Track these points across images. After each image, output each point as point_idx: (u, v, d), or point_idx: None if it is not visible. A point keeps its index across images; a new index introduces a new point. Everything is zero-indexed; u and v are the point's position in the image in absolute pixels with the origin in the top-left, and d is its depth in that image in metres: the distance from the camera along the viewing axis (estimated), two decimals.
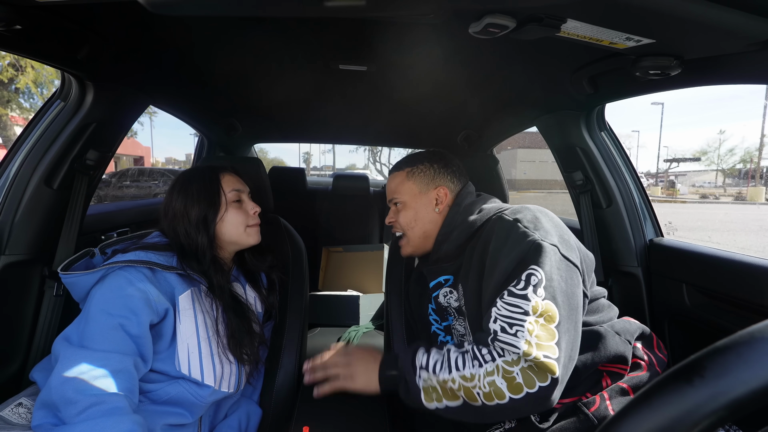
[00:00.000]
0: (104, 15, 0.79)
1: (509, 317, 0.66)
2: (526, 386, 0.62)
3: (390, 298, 1.12)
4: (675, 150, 49.60)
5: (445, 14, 0.58)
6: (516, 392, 0.63)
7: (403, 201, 0.94)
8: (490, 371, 0.65)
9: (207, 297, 0.87)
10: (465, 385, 0.67)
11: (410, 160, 0.96)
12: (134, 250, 0.83)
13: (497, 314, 0.67)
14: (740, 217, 12.38)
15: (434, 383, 0.71)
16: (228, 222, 0.91)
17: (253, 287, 1.02)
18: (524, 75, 1.10)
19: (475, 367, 0.67)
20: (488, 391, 0.65)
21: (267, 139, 2.38)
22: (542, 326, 0.64)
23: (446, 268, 0.91)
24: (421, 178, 0.93)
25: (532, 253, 0.69)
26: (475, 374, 0.66)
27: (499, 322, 0.67)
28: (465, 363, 0.68)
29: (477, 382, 0.66)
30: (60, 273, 0.77)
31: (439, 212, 0.91)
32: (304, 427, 0.80)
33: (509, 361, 0.64)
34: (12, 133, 9.84)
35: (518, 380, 0.63)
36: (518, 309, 0.66)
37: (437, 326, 0.95)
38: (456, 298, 0.87)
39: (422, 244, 0.94)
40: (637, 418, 0.28)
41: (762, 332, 0.26)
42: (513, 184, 28.45)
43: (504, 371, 0.64)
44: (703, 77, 0.82)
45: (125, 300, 0.74)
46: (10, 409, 0.72)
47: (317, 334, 1.67)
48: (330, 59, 1.07)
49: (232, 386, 0.88)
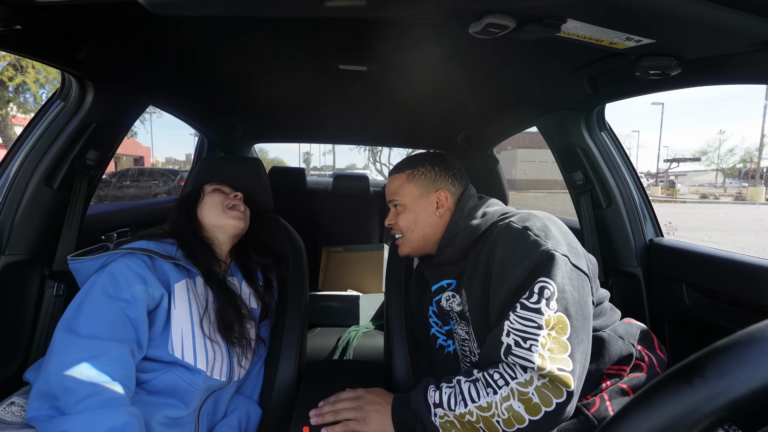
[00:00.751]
0: (104, 15, 0.79)
1: (523, 331, 0.65)
2: (544, 405, 0.61)
3: (390, 298, 1.12)
4: (675, 150, 49.62)
5: (445, 14, 0.58)
6: (534, 413, 0.62)
7: (403, 203, 0.93)
8: (505, 396, 0.64)
9: (201, 286, 0.90)
10: (483, 415, 0.66)
11: (411, 162, 0.95)
12: (138, 239, 0.89)
13: (510, 328, 0.66)
14: (740, 217, 12.38)
15: (451, 418, 0.69)
16: (207, 205, 1.00)
17: (249, 284, 1.03)
18: (524, 75, 1.10)
19: (490, 395, 0.66)
20: (507, 418, 0.63)
21: (267, 139, 2.39)
22: (554, 339, 0.63)
23: (449, 272, 0.90)
24: (422, 181, 0.92)
25: (545, 264, 0.68)
26: (491, 402, 0.65)
27: (512, 336, 0.66)
28: (479, 392, 0.67)
29: (495, 410, 0.64)
30: (69, 259, 0.82)
31: (439, 216, 0.90)
32: (304, 427, 0.80)
33: (522, 382, 0.63)
34: (12, 133, 9.84)
35: (535, 400, 0.62)
36: (532, 323, 0.65)
37: (437, 329, 0.94)
38: (458, 303, 0.87)
39: (421, 246, 0.93)
40: (637, 418, 0.28)
41: (762, 332, 0.26)
42: (513, 184, 28.44)
43: (519, 393, 0.63)
44: (703, 77, 0.82)
45: (125, 285, 0.77)
46: (2, 408, 0.73)
47: (317, 334, 1.67)
48: (330, 59, 1.07)
49: (224, 374, 0.89)
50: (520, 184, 29.34)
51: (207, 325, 0.87)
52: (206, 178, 1.11)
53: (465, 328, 0.86)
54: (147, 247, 0.86)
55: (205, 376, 0.84)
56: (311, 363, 1.10)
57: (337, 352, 1.55)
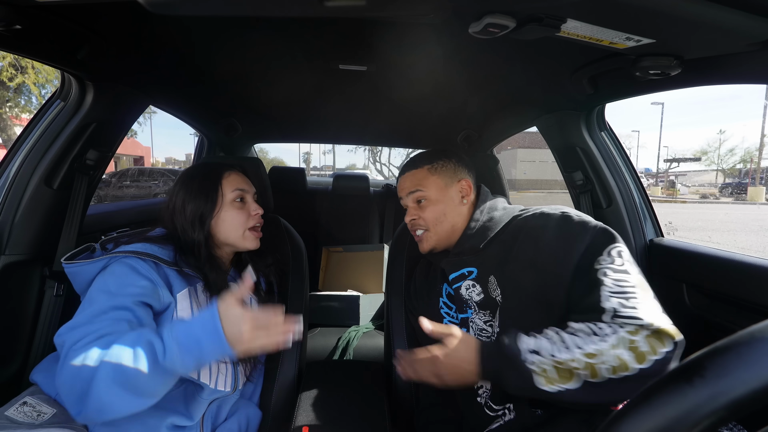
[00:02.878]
0: (104, 15, 0.79)
1: (623, 292, 0.67)
2: (653, 354, 0.62)
3: (390, 298, 1.12)
4: (675, 150, 49.55)
5: (445, 14, 0.58)
6: (641, 361, 0.62)
7: (428, 197, 0.92)
8: (615, 344, 0.64)
9: (204, 295, 0.86)
10: (589, 361, 0.64)
11: (428, 157, 0.95)
12: (137, 241, 0.83)
13: (609, 292, 0.68)
14: (740, 217, 12.38)
15: (546, 366, 0.66)
16: (226, 221, 0.89)
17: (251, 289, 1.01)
18: (524, 75, 1.10)
19: (597, 343, 0.64)
20: (615, 365, 0.63)
21: (267, 139, 2.38)
22: (646, 296, 0.68)
23: (468, 261, 0.89)
24: (445, 172, 0.93)
25: (606, 236, 0.74)
26: (599, 350, 0.64)
27: (613, 299, 0.67)
28: (585, 341, 0.66)
29: (603, 356, 0.63)
30: (63, 262, 0.78)
31: (466, 204, 0.93)
32: (303, 427, 0.80)
33: (631, 330, 0.64)
34: (12, 133, 9.84)
35: (643, 348, 0.62)
36: (627, 282, 0.68)
37: (450, 319, 0.93)
38: (479, 292, 0.86)
39: (447, 238, 0.93)
40: (637, 417, 0.28)
41: (762, 332, 0.26)
42: (513, 184, 28.44)
43: (629, 341, 0.63)
44: (703, 77, 0.82)
45: (127, 286, 0.74)
46: (15, 408, 0.72)
47: (317, 334, 1.67)
48: (330, 59, 1.07)
49: (229, 385, 0.88)
50: (520, 184, 29.33)
51: None
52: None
53: (485, 317, 0.85)
54: (152, 252, 0.80)
55: (210, 389, 0.83)
56: (311, 363, 1.10)
57: (337, 352, 1.55)
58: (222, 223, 0.89)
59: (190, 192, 0.88)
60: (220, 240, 0.91)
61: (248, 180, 0.97)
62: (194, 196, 0.88)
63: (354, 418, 0.85)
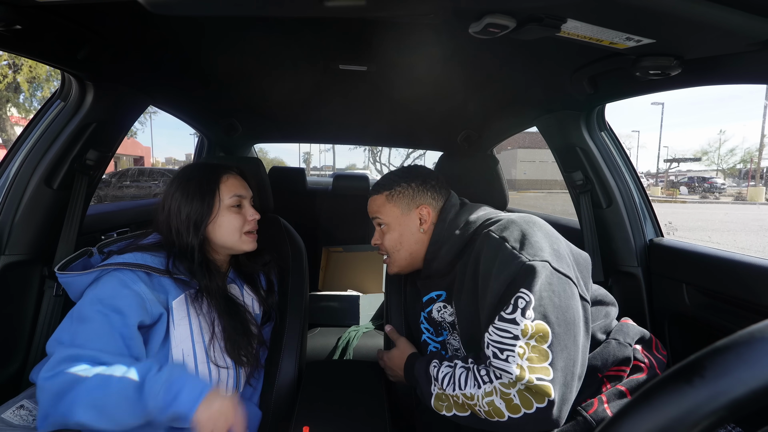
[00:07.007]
0: (104, 15, 0.79)
1: (500, 342, 0.67)
2: (524, 407, 0.63)
3: (390, 298, 1.12)
4: (675, 150, 49.51)
5: (445, 14, 0.58)
6: (514, 412, 0.64)
7: (386, 223, 0.91)
8: (488, 392, 0.67)
9: (202, 299, 0.85)
10: (468, 402, 0.70)
11: (387, 182, 0.93)
12: (130, 251, 0.82)
13: (489, 340, 0.69)
14: (740, 217, 12.37)
15: (441, 394, 0.75)
16: (222, 226, 0.88)
17: (251, 289, 1.00)
18: (524, 75, 1.10)
19: (474, 388, 0.69)
20: (488, 410, 0.67)
21: (267, 139, 2.38)
22: (534, 348, 0.64)
23: (438, 283, 0.90)
24: (401, 199, 0.90)
25: (521, 276, 0.68)
26: (474, 394, 0.69)
27: (491, 348, 0.68)
28: (467, 382, 0.71)
29: (477, 401, 0.68)
30: (57, 272, 0.77)
31: (424, 232, 0.90)
32: (304, 427, 0.80)
33: (506, 383, 0.65)
34: (13, 133, 9.83)
35: (516, 401, 0.64)
36: (508, 334, 0.66)
37: (428, 335, 0.95)
38: (450, 313, 0.87)
39: (409, 264, 0.93)
40: (637, 418, 0.28)
41: (762, 332, 0.26)
42: (513, 184, 28.42)
43: (502, 393, 0.65)
44: (703, 77, 0.82)
45: (116, 300, 0.74)
46: (11, 411, 0.72)
47: (317, 334, 1.67)
48: (330, 59, 1.07)
49: (230, 388, 0.87)
50: (520, 184, 29.32)
51: (211, 346, 0.84)
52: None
53: (458, 338, 0.87)
54: (143, 261, 0.80)
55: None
56: (311, 363, 1.10)
57: (337, 352, 1.55)
58: (218, 228, 0.88)
59: (186, 195, 0.86)
60: (216, 244, 0.90)
61: (246, 184, 0.96)
62: (190, 200, 0.86)
63: (354, 418, 0.85)
